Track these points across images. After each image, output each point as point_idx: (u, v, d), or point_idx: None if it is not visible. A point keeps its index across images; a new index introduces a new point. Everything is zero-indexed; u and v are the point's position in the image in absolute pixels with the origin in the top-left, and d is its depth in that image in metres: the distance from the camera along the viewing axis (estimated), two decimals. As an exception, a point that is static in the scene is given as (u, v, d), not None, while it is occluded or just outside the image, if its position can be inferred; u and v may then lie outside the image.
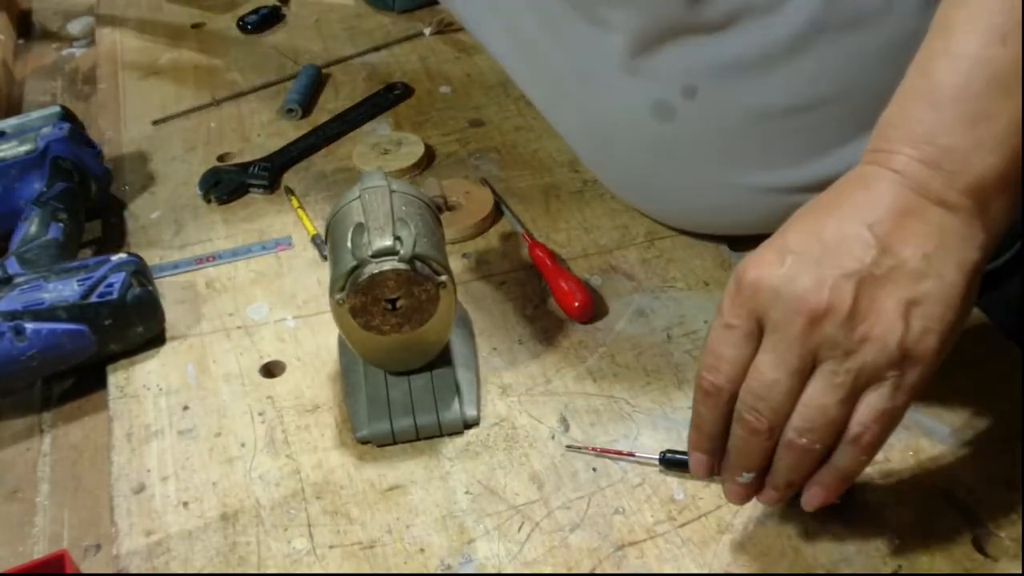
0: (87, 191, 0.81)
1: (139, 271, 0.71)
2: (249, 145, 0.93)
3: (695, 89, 0.67)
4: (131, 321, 0.69)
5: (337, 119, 0.95)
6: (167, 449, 0.64)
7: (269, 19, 1.12)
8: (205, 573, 0.57)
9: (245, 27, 1.11)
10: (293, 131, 0.94)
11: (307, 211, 0.84)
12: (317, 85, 1.00)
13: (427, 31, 1.09)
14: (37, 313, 0.66)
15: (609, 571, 0.55)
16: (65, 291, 0.68)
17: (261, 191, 0.86)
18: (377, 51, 1.07)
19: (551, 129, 0.91)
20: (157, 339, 0.72)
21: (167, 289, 0.76)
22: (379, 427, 0.63)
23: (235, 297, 0.76)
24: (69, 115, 0.85)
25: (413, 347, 0.64)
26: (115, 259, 0.71)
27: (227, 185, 0.86)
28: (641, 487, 0.59)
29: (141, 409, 0.67)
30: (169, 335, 0.72)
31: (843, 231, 0.46)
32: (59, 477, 0.65)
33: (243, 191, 0.86)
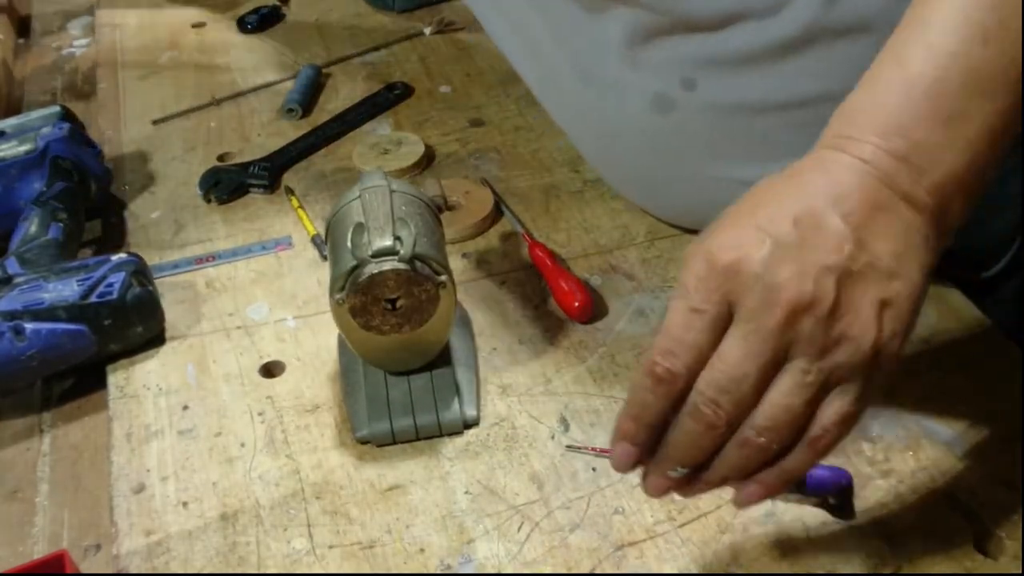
0: (87, 191, 0.81)
1: (139, 271, 0.71)
2: (249, 145, 0.93)
3: (694, 81, 0.66)
4: (131, 321, 0.69)
5: (337, 119, 0.95)
6: (167, 449, 0.64)
7: (269, 19, 1.12)
8: (205, 573, 0.57)
9: (245, 27, 1.11)
10: (293, 131, 0.94)
11: (307, 211, 0.84)
12: (317, 85, 1.00)
13: (427, 31, 1.09)
14: (37, 313, 0.66)
15: (609, 571, 0.55)
16: (65, 291, 0.68)
17: (261, 191, 0.87)
18: (377, 51, 1.07)
19: (551, 129, 0.91)
20: (157, 339, 0.72)
21: (167, 289, 0.76)
22: (379, 427, 0.63)
23: (235, 297, 0.76)
24: (69, 115, 0.85)
25: (413, 347, 0.64)
26: (115, 259, 0.71)
27: (227, 185, 0.86)
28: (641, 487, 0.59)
29: (141, 409, 0.67)
30: (169, 335, 0.72)
31: (817, 218, 0.43)
32: (59, 477, 0.65)
33: (243, 191, 0.87)
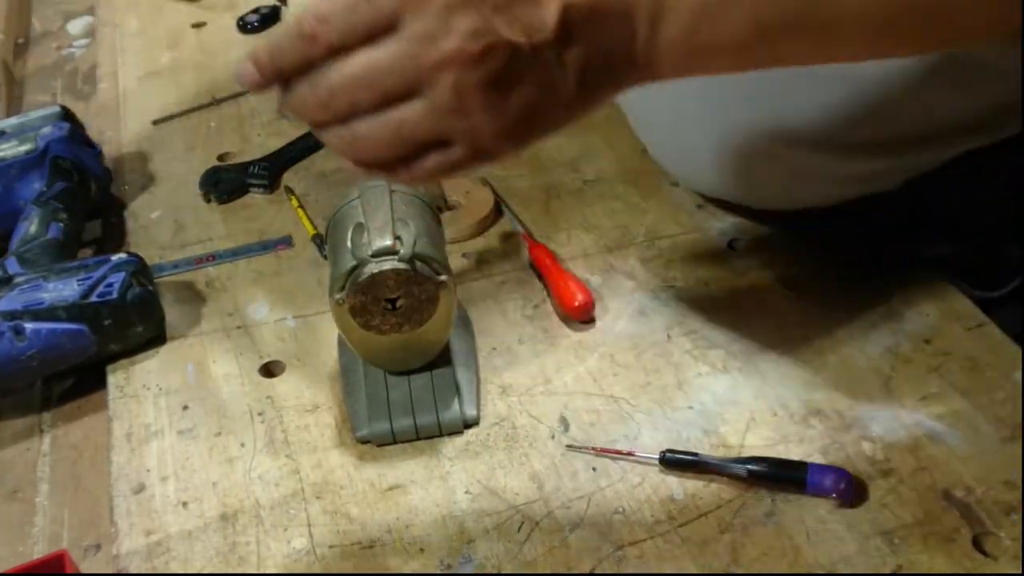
0: (87, 191, 0.81)
1: (139, 271, 0.71)
2: (249, 145, 0.93)
3: None
4: (131, 321, 0.69)
5: (337, 119, 0.95)
6: (167, 449, 0.64)
7: (269, 19, 1.12)
8: (205, 573, 0.57)
9: (245, 27, 1.11)
10: (293, 131, 0.94)
11: (307, 211, 0.84)
12: (317, 85, 1.00)
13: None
14: (37, 313, 0.67)
15: (609, 571, 0.55)
16: (65, 291, 0.68)
17: (261, 191, 0.87)
18: (377, 51, 1.07)
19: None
20: (157, 339, 0.72)
21: (167, 289, 0.76)
22: (379, 427, 0.63)
23: (235, 297, 0.76)
24: (69, 115, 0.85)
25: (413, 347, 0.64)
26: (115, 259, 0.71)
27: (227, 185, 0.86)
28: (641, 487, 0.59)
29: (141, 409, 0.67)
30: (169, 335, 0.73)
31: None
32: (59, 477, 0.65)
33: (243, 191, 0.87)
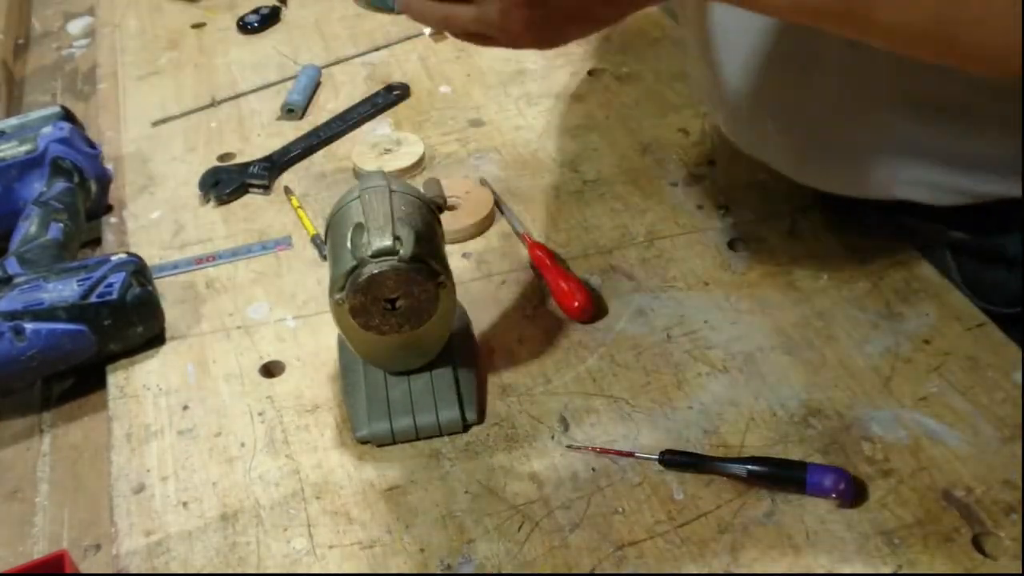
0: (87, 191, 0.81)
1: (139, 271, 0.71)
2: (249, 145, 0.93)
3: None
4: (131, 321, 0.69)
5: (337, 119, 0.95)
6: (167, 449, 0.64)
7: (269, 19, 1.12)
8: (205, 573, 0.57)
9: (245, 27, 1.11)
10: (293, 131, 0.94)
11: (307, 211, 0.84)
12: (317, 85, 1.00)
13: (427, 31, 1.09)
14: (37, 313, 0.66)
15: (609, 571, 0.55)
16: (65, 291, 0.68)
17: (261, 191, 0.86)
18: (377, 51, 1.07)
19: (551, 129, 0.91)
20: (157, 339, 0.72)
21: (167, 289, 0.76)
22: (379, 427, 0.63)
23: (235, 297, 0.76)
24: (69, 115, 0.85)
25: (413, 347, 0.64)
26: (115, 259, 0.71)
27: (227, 185, 0.86)
28: (641, 487, 0.59)
29: (141, 409, 0.67)
30: (169, 335, 0.73)
31: None
32: (59, 477, 0.65)
33: (243, 191, 0.87)
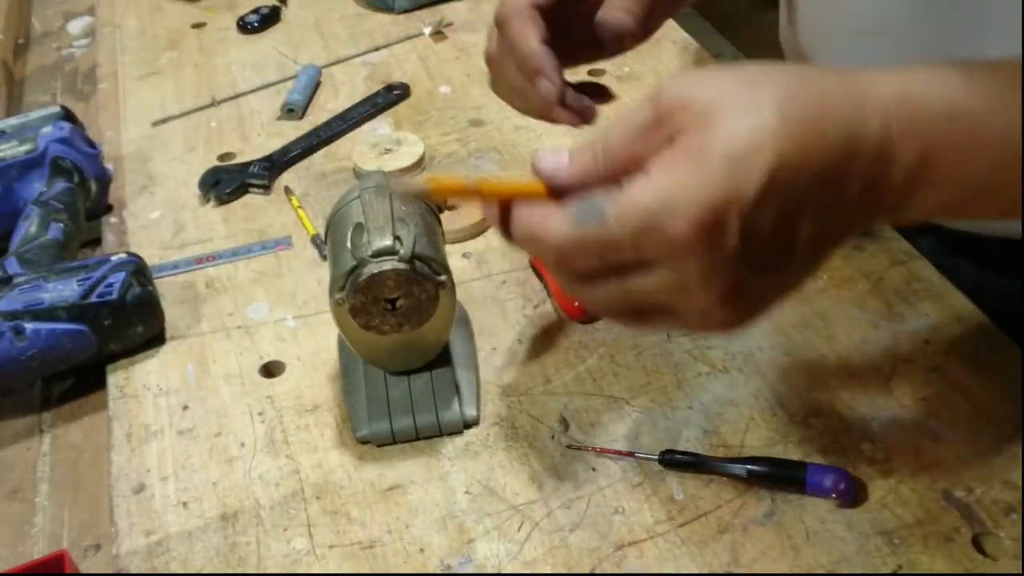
0: (87, 191, 0.81)
1: (139, 271, 0.71)
2: (249, 145, 0.93)
3: None
4: (131, 321, 0.69)
5: (337, 119, 0.95)
6: (167, 449, 0.64)
7: (269, 19, 1.12)
8: (205, 573, 0.57)
9: (245, 27, 1.11)
10: (293, 131, 0.94)
11: (307, 211, 0.84)
12: (317, 85, 1.00)
13: (427, 31, 1.09)
14: (37, 313, 0.66)
15: (609, 571, 0.55)
16: (65, 291, 0.68)
17: (261, 191, 0.86)
18: (377, 51, 1.07)
19: (551, 128, 0.91)
20: (157, 339, 0.72)
21: (167, 289, 0.76)
22: (379, 427, 0.63)
23: (235, 297, 0.76)
24: (69, 115, 0.85)
25: (413, 347, 0.64)
26: (115, 259, 0.71)
27: (227, 185, 0.86)
28: (641, 487, 0.59)
29: (141, 409, 0.67)
30: (169, 335, 0.73)
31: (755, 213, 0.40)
32: (59, 477, 0.65)
33: (243, 191, 0.87)
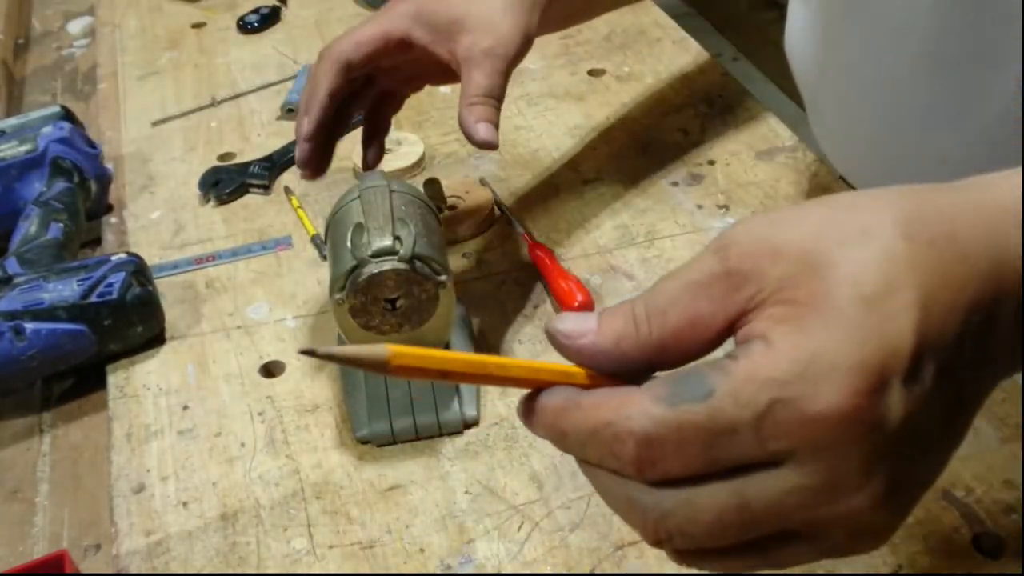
0: (87, 191, 0.81)
1: (139, 271, 0.71)
2: (249, 145, 0.93)
3: None
4: (131, 321, 0.69)
5: (337, 119, 0.95)
6: (167, 449, 0.64)
7: (269, 19, 1.12)
8: (205, 573, 0.57)
9: (245, 27, 1.11)
10: (293, 131, 0.94)
11: (307, 211, 0.84)
12: (317, 85, 1.00)
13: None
14: (37, 313, 0.66)
15: (609, 571, 0.55)
16: (65, 291, 0.68)
17: (261, 191, 0.87)
18: (377, 51, 1.07)
19: (551, 129, 0.91)
20: (157, 339, 0.72)
21: (167, 289, 0.76)
22: (379, 427, 0.63)
23: (235, 297, 0.76)
24: (69, 115, 0.85)
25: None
26: (115, 259, 0.71)
27: (227, 185, 0.86)
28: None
29: (141, 409, 0.67)
30: (169, 335, 0.73)
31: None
32: (59, 477, 0.65)
33: (243, 191, 0.87)
